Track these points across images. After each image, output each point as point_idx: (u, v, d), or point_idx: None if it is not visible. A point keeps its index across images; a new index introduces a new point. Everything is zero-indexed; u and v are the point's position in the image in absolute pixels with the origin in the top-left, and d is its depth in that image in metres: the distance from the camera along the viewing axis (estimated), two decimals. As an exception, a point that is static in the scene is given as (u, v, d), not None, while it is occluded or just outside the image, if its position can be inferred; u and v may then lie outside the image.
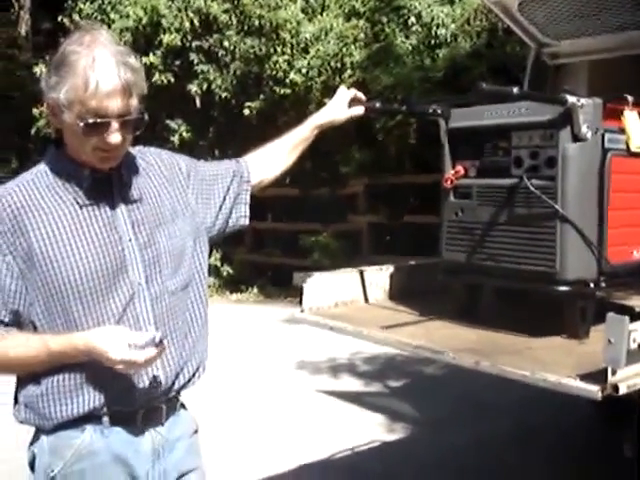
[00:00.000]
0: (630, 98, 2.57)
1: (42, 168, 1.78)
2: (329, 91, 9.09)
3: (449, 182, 2.70)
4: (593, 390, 1.89)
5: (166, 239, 1.83)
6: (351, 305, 3.01)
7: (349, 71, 8.70)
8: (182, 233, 1.87)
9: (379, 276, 3.15)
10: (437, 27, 8.28)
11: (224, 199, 2.06)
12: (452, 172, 2.70)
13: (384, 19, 8.64)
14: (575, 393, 1.94)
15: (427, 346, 2.35)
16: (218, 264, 10.83)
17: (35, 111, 11.16)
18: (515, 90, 2.15)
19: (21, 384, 1.78)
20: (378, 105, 2.55)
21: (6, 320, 1.71)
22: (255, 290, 10.50)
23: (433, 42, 8.33)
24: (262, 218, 11.24)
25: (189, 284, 1.88)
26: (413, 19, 8.46)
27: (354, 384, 6.09)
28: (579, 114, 2.35)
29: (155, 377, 1.77)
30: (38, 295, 1.71)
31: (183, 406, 1.93)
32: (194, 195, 1.98)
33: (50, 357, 1.68)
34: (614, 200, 2.47)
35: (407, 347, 2.41)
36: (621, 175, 2.50)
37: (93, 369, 1.69)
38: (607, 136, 2.45)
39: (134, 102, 1.70)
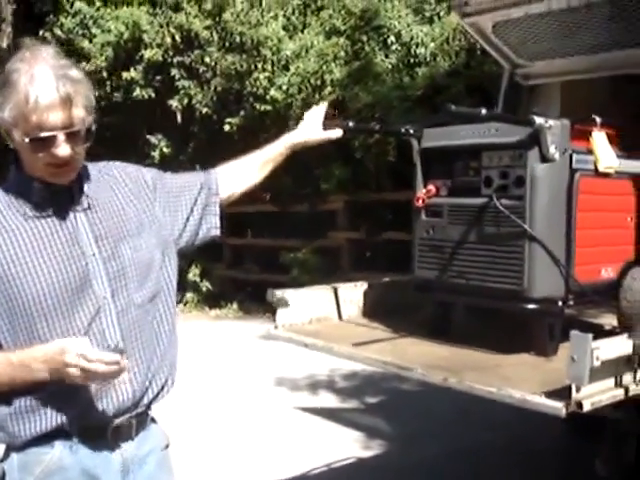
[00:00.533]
0: (598, 119, 2.62)
1: (3, 188, 1.79)
2: (309, 108, 9.11)
3: (420, 201, 2.74)
4: (557, 407, 1.93)
5: (131, 252, 1.83)
6: (325, 322, 3.05)
7: (329, 88, 8.75)
8: (149, 246, 1.87)
9: (353, 293, 3.18)
10: (416, 46, 8.36)
11: (191, 210, 2.05)
12: (424, 191, 2.74)
13: (364, 38, 8.71)
14: (540, 410, 1.97)
15: (396, 362, 2.38)
16: (197, 279, 10.81)
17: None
18: (483, 111, 2.20)
19: None
20: (351, 124, 2.59)
21: None
22: (234, 306, 10.49)
23: (412, 61, 8.40)
24: (242, 234, 11.26)
25: (156, 296, 1.87)
26: (393, 38, 8.53)
27: (332, 401, 6.09)
28: (547, 135, 2.40)
29: (123, 392, 1.76)
30: (2, 313, 1.71)
31: (153, 420, 1.93)
32: (161, 207, 1.98)
33: (13, 370, 1.67)
34: (582, 220, 2.52)
35: (376, 363, 2.45)
36: (589, 195, 2.55)
37: (59, 386, 1.68)
38: (575, 157, 2.51)
39: (78, 114, 1.69)
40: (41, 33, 11.84)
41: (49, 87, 1.65)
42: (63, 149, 1.68)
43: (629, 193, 2.78)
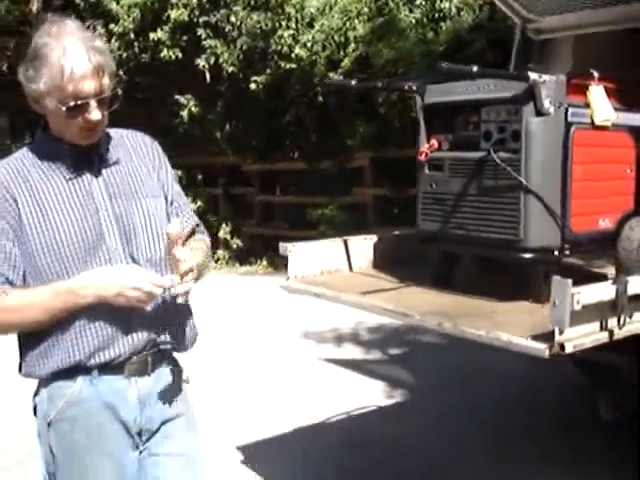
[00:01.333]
0: (596, 74, 2.69)
1: (29, 148, 1.99)
2: (333, 65, 9.23)
3: (423, 155, 2.84)
4: (540, 348, 2.04)
5: (142, 212, 1.99)
6: (335, 273, 3.17)
7: (352, 45, 8.77)
8: (157, 208, 2.04)
9: (363, 245, 3.30)
10: (441, 0, 8.33)
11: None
12: (426, 146, 2.84)
13: (388, -8, 8.71)
14: (525, 352, 2.09)
15: (397, 309, 2.51)
16: (228, 237, 11.01)
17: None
18: (475, 68, 2.28)
19: (21, 343, 1.97)
20: (353, 82, 2.68)
21: (11, 277, 1.89)
22: (264, 262, 10.67)
23: (437, 15, 8.38)
24: (271, 192, 11.40)
25: (163, 257, 1.99)
26: (417, -8, 8.52)
27: (356, 352, 6.26)
28: (541, 90, 2.47)
29: (137, 332, 1.94)
30: (28, 258, 1.89)
31: (173, 361, 2.08)
32: (166, 181, 2.13)
33: (57, 297, 1.85)
34: (578, 172, 2.59)
35: (379, 310, 2.57)
36: (585, 148, 2.62)
37: (78, 324, 1.88)
38: (571, 110, 2.57)
39: (106, 81, 1.88)
40: (70, -5, 11.98)
41: (82, 59, 1.82)
42: (95, 114, 1.87)
43: (628, 145, 2.83)
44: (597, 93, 2.66)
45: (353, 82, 2.68)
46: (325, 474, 3.87)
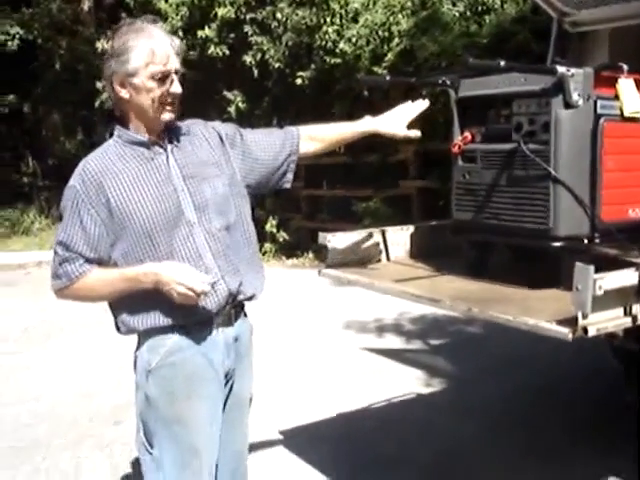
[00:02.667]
0: (625, 67, 2.74)
1: (111, 141, 2.32)
2: (377, 59, 9.30)
3: (457, 147, 2.93)
4: (564, 332, 2.12)
5: (211, 190, 2.31)
6: (373, 262, 3.27)
7: (396, 40, 8.83)
8: (224, 186, 2.35)
9: (400, 235, 3.39)
10: (484, -7, 8.36)
11: (276, 169, 2.55)
12: (460, 138, 2.93)
13: (431, -14, 8.75)
14: (550, 335, 2.16)
15: (427, 295, 2.60)
16: (274, 230, 11.16)
17: (98, 85, 11.54)
18: (502, 63, 2.36)
19: (116, 306, 2.30)
20: (388, 78, 2.78)
21: (91, 256, 2.23)
22: (310, 255, 10.80)
23: (480, 9, 8.40)
24: (318, 186, 11.52)
25: (232, 225, 2.35)
26: (460, -14, 8.55)
27: (397, 342, 6.35)
28: (570, 83, 2.53)
29: (222, 292, 2.27)
30: (117, 237, 2.23)
31: (245, 314, 2.46)
32: (237, 158, 2.46)
33: (124, 282, 2.20)
34: (607, 162, 2.65)
35: (411, 297, 2.66)
36: (615, 139, 2.67)
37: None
38: (600, 103, 2.63)
39: (180, 62, 2.28)
40: (120, -5, 12.27)
41: (166, 42, 2.23)
42: (177, 86, 2.25)
43: (660, 137, 2.88)
44: (626, 85, 2.72)
45: (387, 77, 2.77)
46: (364, 460, 3.98)
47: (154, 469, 2.29)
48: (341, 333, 6.66)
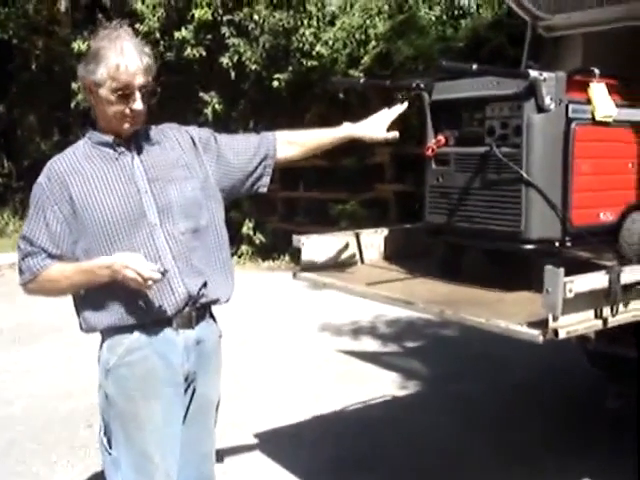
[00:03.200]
0: (597, 71, 2.77)
1: (81, 142, 2.37)
2: (354, 62, 9.31)
3: (430, 150, 2.94)
4: (535, 334, 2.13)
5: (177, 192, 2.34)
6: (347, 265, 3.28)
7: (373, 43, 8.87)
8: (193, 190, 2.37)
9: (375, 238, 3.39)
10: (460, -2, 8.43)
11: (251, 173, 2.57)
12: (433, 141, 2.94)
13: (408, -9, 8.81)
14: (521, 337, 2.18)
15: (400, 298, 2.61)
16: (251, 233, 11.14)
17: (74, 86, 11.47)
18: (474, 66, 2.37)
19: (79, 304, 2.34)
20: (362, 81, 2.79)
21: (54, 252, 2.27)
22: (286, 258, 10.79)
23: (456, 13, 8.46)
24: (294, 188, 11.51)
25: (201, 229, 2.37)
26: (436, -10, 8.61)
27: (373, 345, 6.36)
28: (542, 87, 2.55)
29: (180, 293, 2.29)
30: (80, 234, 2.27)
31: (212, 317, 2.47)
32: (211, 162, 2.48)
33: (81, 275, 2.24)
34: (578, 166, 2.67)
35: (384, 299, 2.67)
36: (586, 143, 2.69)
37: (129, 290, 2.20)
38: (571, 107, 2.65)
39: (149, 79, 2.28)
40: (97, -5, 12.19)
41: (135, 58, 2.24)
42: (138, 103, 2.26)
43: (631, 141, 2.90)
44: (598, 90, 2.74)
45: (361, 80, 2.78)
46: (339, 460, 3.98)
47: (113, 470, 2.33)
48: (317, 336, 6.65)
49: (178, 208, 2.33)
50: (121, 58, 2.22)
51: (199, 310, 2.38)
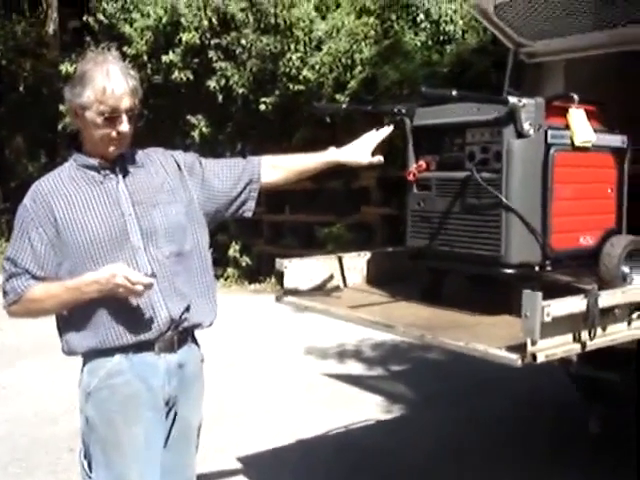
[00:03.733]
0: (576, 97, 2.80)
1: (67, 164, 2.39)
2: (340, 87, 9.37)
3: (412, 175, 2.96)
4: (513, 358, 2.14)
5: (161, 216, 2.35)
6: (330, 289, 3.28)
7: (359, 67, 8.94)
8: (177, 214, 2.39)
9: (357, 262, 3.40)
10: (445, 23, 8.50)
11: (235, 198, 2.58)
12: (415, 166, 2.96)
13: (393, 16, 8.88)
14: (500, 361, 2.19)
15: (381, 321, 2.62)
16: (237, 255, 11.13)
17: (62, 108, 11.47)
18: (454, 93, 2.40)
19: (62, 326, 2.34)
20: (344, 106, 2.81)
21: (38, 274, 2.28)
22: (272, 280, 10.77)
23: (441, 38, 8.54)
24: (280, 211, 11.53)
25: (185, 253, 2.38)
26: (422, 16, 8.69)
27: (358, 368, 6.36)
28: (521, 113, 2.58)
29: (162, 317, 2.29)
30: (64, 256, 2.27)
31: (195, 341, 2.47)
32: (196, 186, 2.49)
33: (67, 293, 2.24)
34: (558, 191, 2.69)
35: (366, 323, 2.67)
36: (565, 168, 2.71)
37: (115, 311, 2.24)
38: (550, 132, 2.67)
39: (136, 102, 2.30)
40: (85, 18, 12.23)
41: (121, 81, 2.26)
42: (125, 126, 2.28)
43: (610, 166, 2.93)
44: (577, 115, 2.77)
45: (344, 105, 2.80)
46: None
47: None
48: (302, 359, 6.64)
49: (162, 232, 2.34)
50: (107, 81, 2.24)
51: (181, 334, 2.37)
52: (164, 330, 2.30)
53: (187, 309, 2.35)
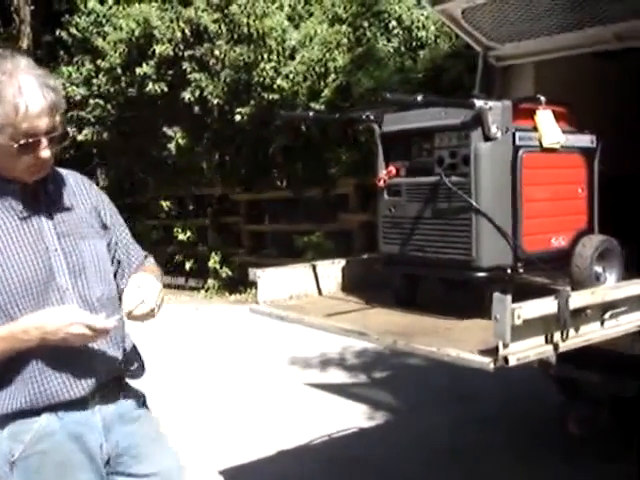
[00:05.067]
0: (543, 98, 2.80)
1: None
2: (314, 95, 9.37)
3: (382, 182, 2.95)
4: (485, 362, 2.13)
5: (91, 250, 2.03)
6: (305, 297, 3.26)
7: (333, 75, 8.94)
8: (103, 250, 2.09)
9: (332, 269, 3.39)
10: (417, 29, 8.53)
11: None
12: (385, 172, 2.95)
13: (365, 24, 8.89)
14: (472, 365, 2.18)
15: (355, 329, 2.60)
16: (217, 267, 11.10)
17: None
18: (419, 97, 2.40)
19: None
20: (311, 114, 2.80)
21: None
22: (253, 291, 10.69)
23: (414, 44, 8.57)
24: (259, 221, 11.52)
25: (113, 296, 2.08)
26: (394, 22, 8.71)
27: (341, 377, 6.34)
28: (488, 116, 2.58)
29: (99, 367, 1.99)
30: None
31: (128, 386, 2.16)
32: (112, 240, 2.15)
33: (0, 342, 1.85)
34: (527, 193, 2.69)
35: (340, 331, 2.65)
36: (534, 170, 2.71)
37: (49, 364, 1.90)
38: (518, 134, 2.67)
39: (58, 119, 1.90)
40: (57, 33, 12.19)
41: (37, 97, 1.83)
42: (45, 152, 1.88)
43: (580, 166, 2.94)
44: (544, 117, 2.77)
45: (311, 114, 2.79)
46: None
47: None
48: (285, 369, 6.62)
49: (92, 269, 2.01)
50: (21, 98, 1.81)
51: (118, 384, 2.10)
52: (103, 383, 2.00)
53: (124, 357, 2.08)
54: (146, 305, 1.95)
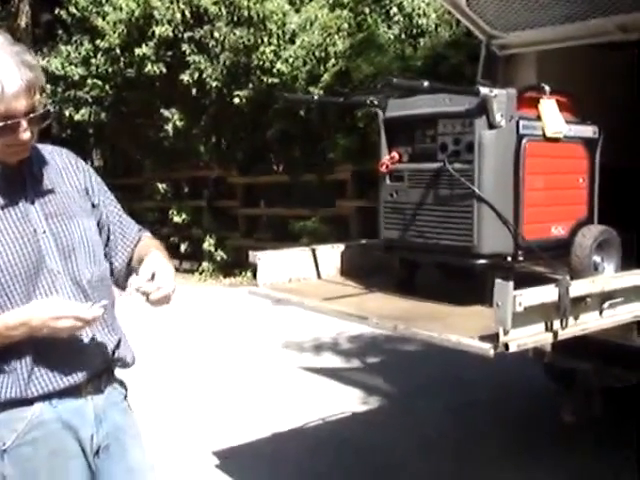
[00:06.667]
0: (547, 88, 2.82)
1: None
2: (314, 80, 9.36)
3: (384, 167, 2.96)
4: (486, 348, 2.15)
5: (81, 230, 1.94)
6: (304, 281, 3.27)
7: (332, 60, 8.92)
8: (92, 229, 2.00)
9: (331, 254, 3.40)
10: (418, 17, 8.51)
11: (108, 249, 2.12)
12: (387, 158, 2.96)
13: (367, 10, 8.87)
14: (472, 351, 2.20)
15: (355, 313, 2.62)
16: (212, 249, 11.09)
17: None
18: (425, 83, 2.40)
19: None
20: (315, 97, 2.80)
21: None
22: (248, 274, 10.74)
23: (414, 31, 8.56)
24: (255, 204, 11.51)
25: (105, 277, 2.02)
26: (395, 9, 8.69)
27: (335, 361, 6.37)
28: (493, 103, 2.59)
29: (92, 356, 1.95)
30: None
31: (116, 377, 2.10)
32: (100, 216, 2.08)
33: None
34: (529, 181, 2.71)
35: (339, 314, 2.68)
36: (537, 158, 2.73)
37: (42, 352, 1.84)
38: (522, 123, 2.69)
39: (37, 97, 1.79)
40: (57, 11, 12.11)
41: (13, 76, 1.72)
42: (26, 134, 1.78)
43: (581, 156, 2.95)
44: (548, 106, 2.79)
45: (315, 97, 2.79)
46: (297, 478, 3.96)
47: None
48: (280, 352, 6.63)
49: (82, 250, 1.93)
50: None
51: (111, 373, 2.05)
52: (97, 371, 1.96)
53: (118, 345, 2.02)
54: (162, 290, 1.91)
